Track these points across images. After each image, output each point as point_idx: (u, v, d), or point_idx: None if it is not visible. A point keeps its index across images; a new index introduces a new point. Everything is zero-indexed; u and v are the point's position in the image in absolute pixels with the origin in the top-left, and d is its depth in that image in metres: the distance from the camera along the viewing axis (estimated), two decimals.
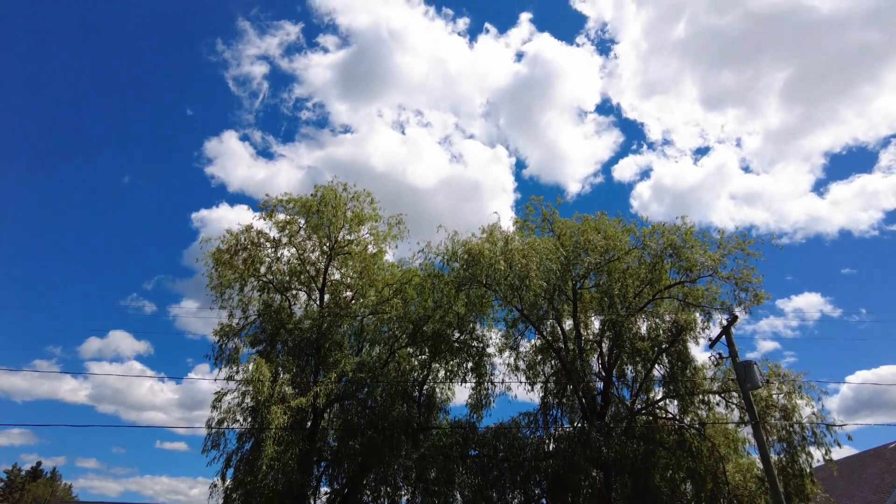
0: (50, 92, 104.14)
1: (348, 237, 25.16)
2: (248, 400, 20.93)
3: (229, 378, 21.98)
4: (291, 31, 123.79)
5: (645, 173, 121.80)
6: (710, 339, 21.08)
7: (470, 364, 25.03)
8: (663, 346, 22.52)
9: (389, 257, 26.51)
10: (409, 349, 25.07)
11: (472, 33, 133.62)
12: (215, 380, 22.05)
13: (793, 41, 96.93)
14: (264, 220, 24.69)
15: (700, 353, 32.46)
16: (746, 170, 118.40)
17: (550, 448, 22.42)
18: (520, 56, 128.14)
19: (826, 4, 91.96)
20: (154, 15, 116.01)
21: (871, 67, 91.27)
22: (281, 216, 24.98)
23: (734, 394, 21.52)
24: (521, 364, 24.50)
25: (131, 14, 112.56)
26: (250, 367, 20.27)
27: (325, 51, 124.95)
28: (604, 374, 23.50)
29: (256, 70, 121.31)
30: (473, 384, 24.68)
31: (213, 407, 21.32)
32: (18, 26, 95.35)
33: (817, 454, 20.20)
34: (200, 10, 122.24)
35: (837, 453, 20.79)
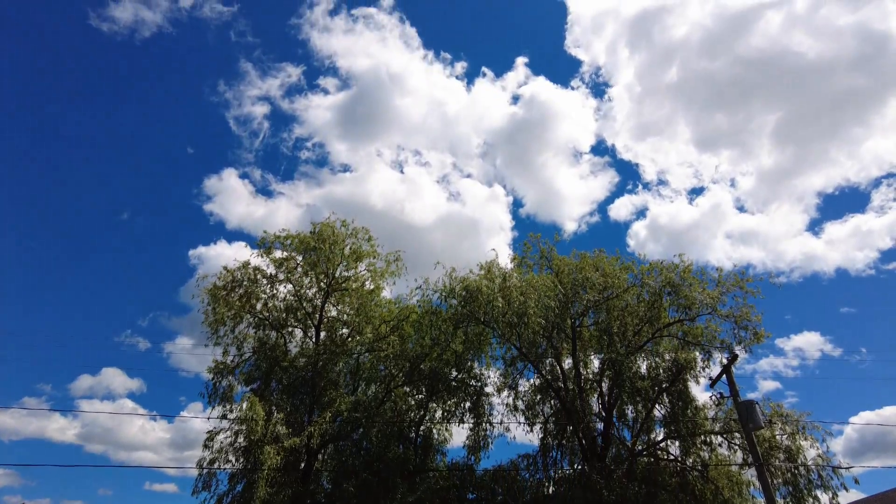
0: (51, 126, 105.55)
1: (346, 273, 25.06)
2: (240, 439, 20.44)
3: (222, 416, 21.51)
4: (293, 72, 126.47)
5: (641, 213, 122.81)
6: (710, 379, 20.78)
7: (468, 404, 24.64)
8: (664, 386, 22.20)
9: (387, 294, 26.38)
10: (405, 388, 24.67)
11: (470, 77, 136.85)
12: (208, 418, 21.59)
13: (782, 85, 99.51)
14: (262, 256, 24.60)
15: (701, 393, 32.02)
16: (741, 209, 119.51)
17: (550, 491, 21.84)
18: (516, 98, 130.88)
19: (812, 51, 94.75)
20: (158, 56, 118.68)
21: (858, 110, 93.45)
22: (278, 253, 24.91)
23: (737, 434, 21.14)
24: (520, 404, 24.09)
25: (136, 54, 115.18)
26: (244, 406, 19.88)
27: (326, 92, 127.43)
28: (604, 414, 23.11)
29: (257, 110, 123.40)
30: (471, 425, 24.23)
31: (205, 446, 20.81)
32: (21, 60, 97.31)
33: (824, 498, 19.75)
34: (204, 51, 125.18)
35: (844, 497, 20.33)
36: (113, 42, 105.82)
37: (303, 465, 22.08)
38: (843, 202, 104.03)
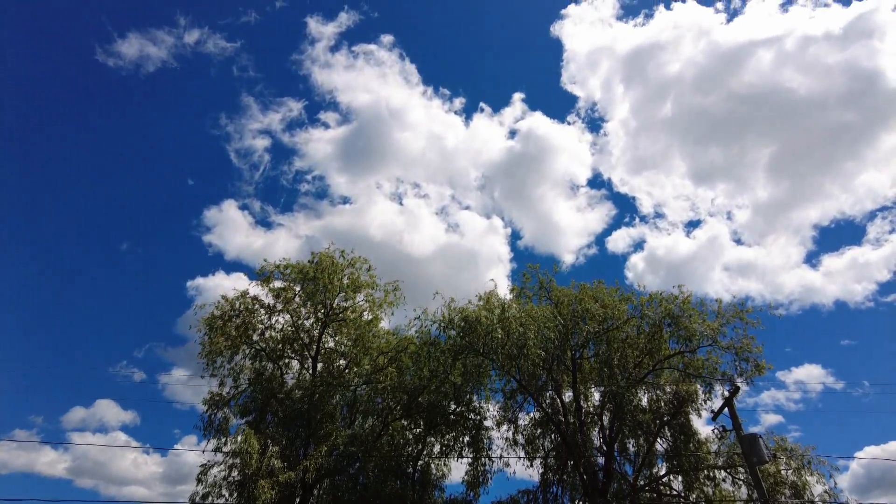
0: (53, 156, 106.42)
1: (344, 304, 24.82)
2: (235, 473, 19.93)
3: (217, 449, 21.04)
4: (294, 107, 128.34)
5: (638, 245, 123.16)
6: (712, 411, 20.53)
7: (467, 438, 24.23)
8: (665, 419, 21.91)
9: (385, 324, 26.04)
10: (403, 421, 24.25)
11: (468, 112, 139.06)
12: (203, 451, 21.12)
13: (775, 120, 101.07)
14: (261, 286, 24.43)
15: (703, 427, 31.54)
16: (738, 242, 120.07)
17: None
18: (513, 133, 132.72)
19: (803, 87, 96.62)
20: (162, 90, 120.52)
21: (851, 145, 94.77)
22: (277, 283, 24.73)
23: (740, 469, 20.75)
24: (520, 438, 23.75)
25: (140, 88, 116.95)
26: (239, 439, 19.47)
27: (326, 126, 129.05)
28: (605, 448, 22.69)
29: (258, 143, 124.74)
30: (470, 459, 23.77)
31: (198, 480, 20.29)
32: (23, 90, 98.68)
33: None
34: (206, 85, 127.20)
35: None
36: (118, 76, 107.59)
37: (298, 500, 21.51)
38: (839, 235, 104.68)
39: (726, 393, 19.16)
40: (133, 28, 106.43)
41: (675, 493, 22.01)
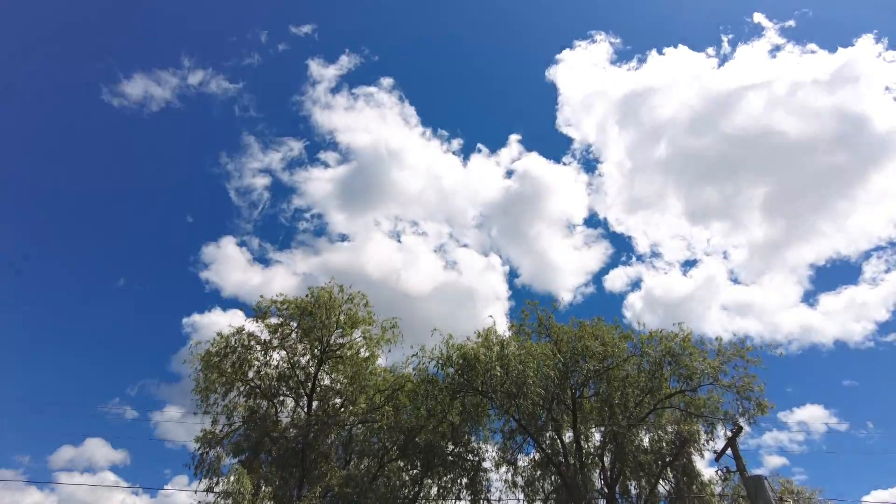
0: (54, 192, 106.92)
1: (340, 340, 24.47)
2: None
3: (208, 490, 20.40)
4: (294, 146, 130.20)
5: (635, 284, 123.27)
6: (715, 452, 20.20)
7: (465, 480, 23.64)
8: (667, 460, 21.49)
9: (382, 362, 25.57)
10: (399, 462, 23.67)
11: (466, 152, 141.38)
12: (195, 492, 20.45)
13: (767, 161, 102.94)
14: (257, 322, 24.13)
15: (706, 468, 30.93)
16: (735, 281, 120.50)
17: None
18: (510, 173, 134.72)
19: (794, 130, 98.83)
20: (165, 129, 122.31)
21: (843, 186, 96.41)
22: (274, 319, 24.43)
23: None
24: (520, 480, 23.19)
25: (144, 127, 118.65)
26: (231, 479, 18.95)
27: (326, 166, 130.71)
28: (606, 490, 22.16)
29: (258, 182, 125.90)
30: (468, 502, 23.19)
31: None
32: (29, 129, 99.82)
33: None
34: (208, 125, 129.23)
35: None
36: (122, 115, 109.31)
37: None
38: (835, 274, 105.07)
39: (728, 433, 18.90)
40: (139, 69, 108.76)
41: None
